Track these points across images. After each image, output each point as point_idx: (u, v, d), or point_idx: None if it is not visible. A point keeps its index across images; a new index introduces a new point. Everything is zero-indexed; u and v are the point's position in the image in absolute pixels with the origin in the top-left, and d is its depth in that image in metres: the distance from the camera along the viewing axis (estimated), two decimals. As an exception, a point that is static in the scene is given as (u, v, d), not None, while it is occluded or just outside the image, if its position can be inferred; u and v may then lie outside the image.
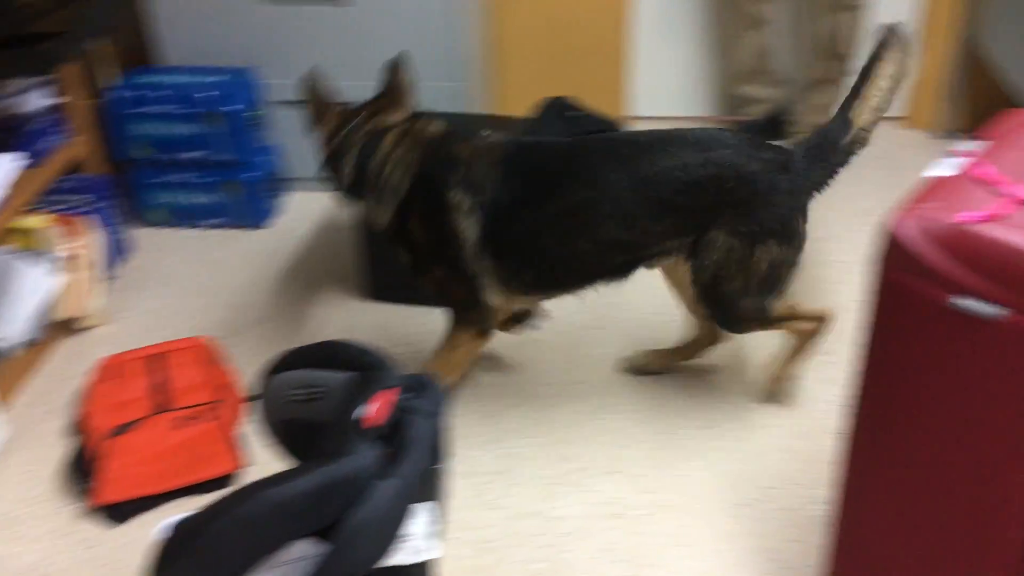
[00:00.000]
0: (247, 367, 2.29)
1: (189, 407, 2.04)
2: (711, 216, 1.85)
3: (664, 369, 2.22)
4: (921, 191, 1.31)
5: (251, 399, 2.16)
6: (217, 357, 2.22)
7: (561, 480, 1.96)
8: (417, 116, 2.01)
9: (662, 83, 3.42)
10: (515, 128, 2.60)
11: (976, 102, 3.17)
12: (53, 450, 2.08)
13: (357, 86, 2.85)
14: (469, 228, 1.87)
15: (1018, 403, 1.24)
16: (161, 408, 2.04)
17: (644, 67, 3.36)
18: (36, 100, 2.34)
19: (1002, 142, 1.37)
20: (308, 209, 2.94)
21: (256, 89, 2.85)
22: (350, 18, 2.79)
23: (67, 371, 2.30)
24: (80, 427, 2.07)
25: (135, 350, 2.24)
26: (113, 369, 2.16)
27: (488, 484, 1.96)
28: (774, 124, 3.22)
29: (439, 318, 2.43)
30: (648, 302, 2.48)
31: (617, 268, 1.95)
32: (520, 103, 3.22)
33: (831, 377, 2.20)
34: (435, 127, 1.99)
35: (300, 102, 2.04)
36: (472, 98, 2.92)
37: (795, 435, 2.05)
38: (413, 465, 1.11)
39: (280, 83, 2.89)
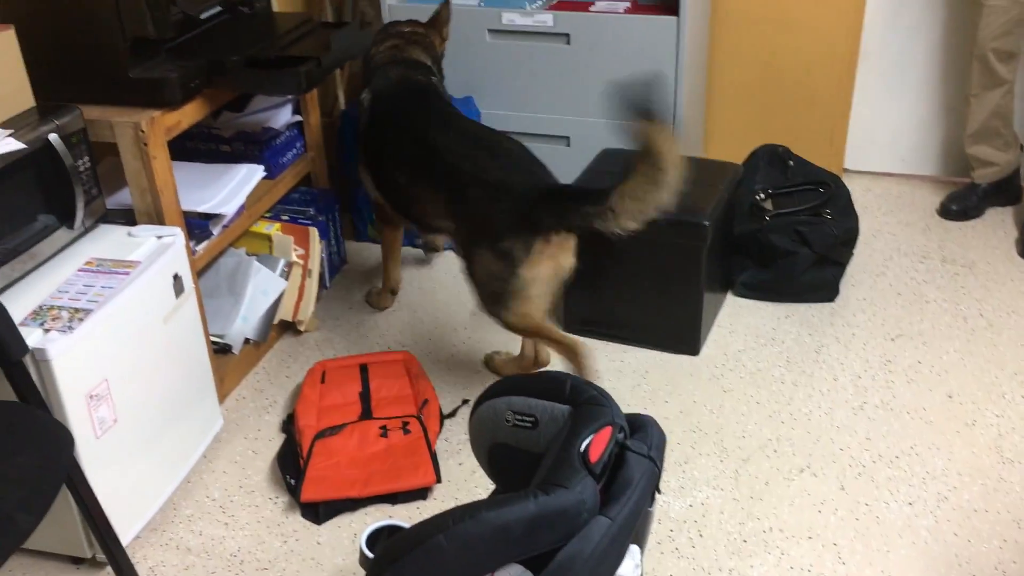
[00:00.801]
0: (444, 386, 2.37)
1: (393, 417, 2.12)
2: (459, 211, 2.11)
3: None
4: None
5: (449, 416, 2.24)
6: (419, 372, 2.30)
7: (750, 538, 1.90)
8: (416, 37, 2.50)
9: (882, 137, 3.29)
10: (726, 173, 2.57)
11: None
12: (262, 444, 2.21)
13: (571, 120, 2.92)
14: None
15: None
16: (365, 415, 2.13)
17: (866, 119, 3.24)
18: (282, 117, 2.53)
19: None
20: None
21: (476, 117, 2.96)
22: (570, 56, 2.85)
23: (281, 371, 2.46)
24: (291, 425, 2.20)
25: (346, 358, 2.36)
26: (325, 374, 2.28)
27: (675, 532, 1.92)
28: (1005, 189, 3.03)
29: (634, 356, 2.44)
30: (845, 363, 2.38)
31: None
32: (733, 147, 3.20)
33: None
34: (413, 52, 2.46)
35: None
36: (685, 140, 2.91)
37: (1015, 524, 1.90)
38: (631, 507, 1.10)
39: (498, 114, 2.99)
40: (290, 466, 2.08)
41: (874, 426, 2.18)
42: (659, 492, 1.21)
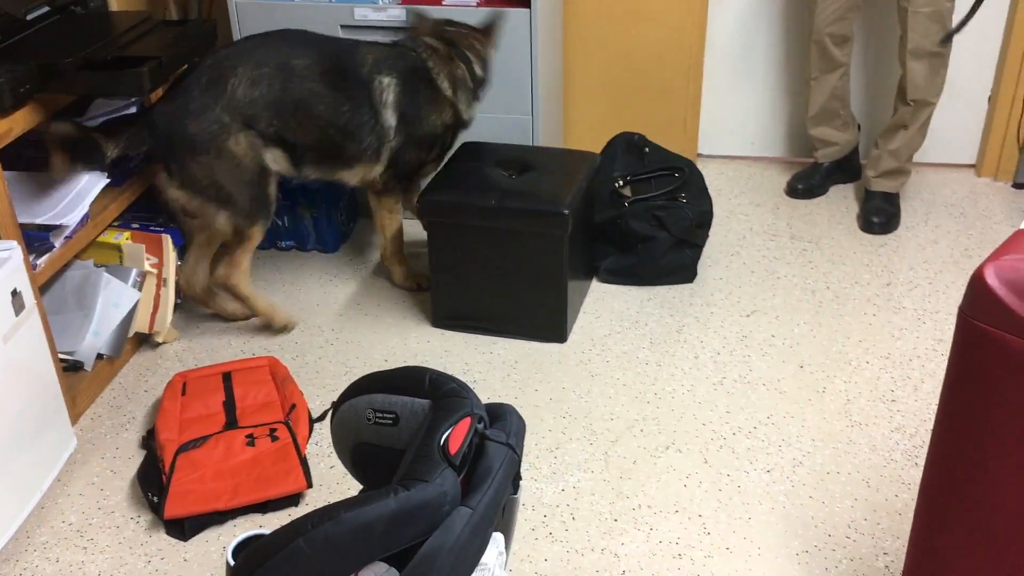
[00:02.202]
0: (312, 388, 2.33)
1: (259, 425, 2.07)
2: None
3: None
4: (1009, 242, 1.29)
5: (318, 420, 2.20)
6: (286, 376, 2.26)
7: (622, 517, 1.95)
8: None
9: (732, 122, 3.42)
10: (583, 160, 2.62)
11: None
12: (121, 463, 2.12)
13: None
14: None
15: (1108, 462, 1.21)
16: (230, 425, 2.07)
17: (714, 106, 3.36)
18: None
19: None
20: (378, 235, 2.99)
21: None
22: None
23: (139, 386, 2.36)
24: (152, 441, 2.12)
25: (206, 367, 2.28)
26: (186, 385, 2.20)
27: (548, 517, 1.95)
28: (845, 167, 3.20)
29: (503, 347, 2.46)
30: (712, 335, 2.47)
31: None
32: (590, 137, 3.25)
33: (900, 426, 2.17)
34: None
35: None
36: (542, 132, 2.94)
37: (864, 483, 2.01)
38: (492, 495, 1.11)
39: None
40: (152, 483, 2.00)
41: (733, 400, 2.27)
42: (520, 479, 1.23)
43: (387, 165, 2.51)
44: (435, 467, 1.11)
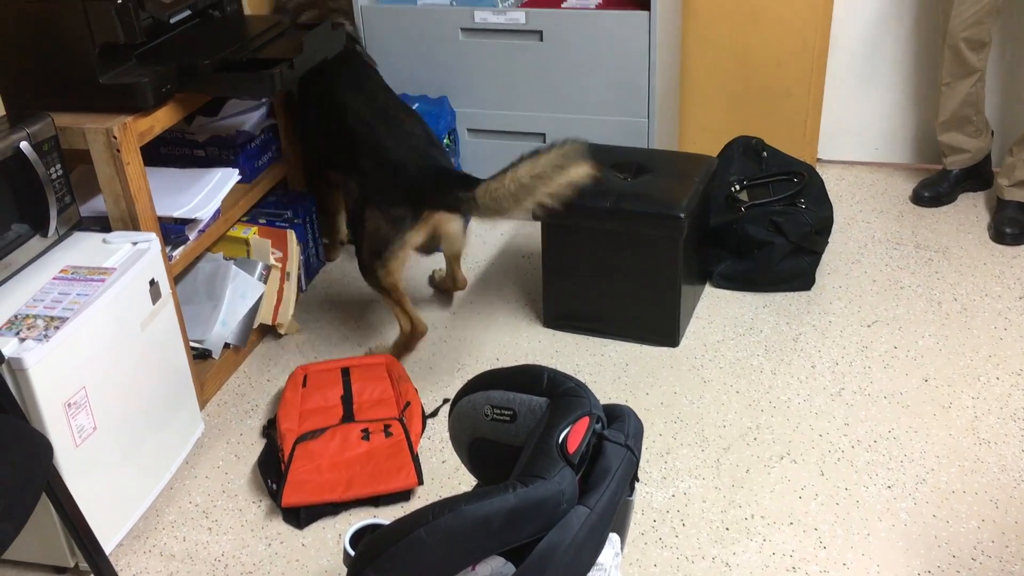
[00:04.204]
0: (425, 384, 2.37)
1: (375, 420, 2.12)
2: (361, 179, 2.34)
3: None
4: None
5: (431, 416, 2.25)
6: (402, 374, 2.30)
7: (733, 526, 1.92)
8: None
9: (855, 126, 3.31)
10: (700, 164, 2.59)
11: None
12: (244, 448, 2.21)
13: (546, 117, 2.94)
14: None
15: None
16: (347, 419, 2.13)
17: (836, 109, 3.27)
18: (255, 120, 2.52)
19: None
20: (492, 235, 3.02)
21: (451, 117, 2.97)
22: (543, 52, 2.86)
23: (262, 375, 2.45)
24: (273, 430, 2.20)
25: (327, 361, 2.36)
26: (307, 377, 2.28)
27: (658, 523, 1.94)
28: (976, 175, 3.07)
29: (614, 350, 2.45)
30: (821, 343, 2.41)
31: None
32: (705, 141, 3.22)
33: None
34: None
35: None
36: (660, 134, 2.92)
37: (992, 504, 1.92)
38: (609, 496, 1.11)
39: (473, 112, 3.00)
40: (271, 470, 2.08)
41: (852, 411, 2.20)
42: (637, 480, 1.22)
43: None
44: (553, 465, 1.12)
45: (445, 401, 2.30)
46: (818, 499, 1.97)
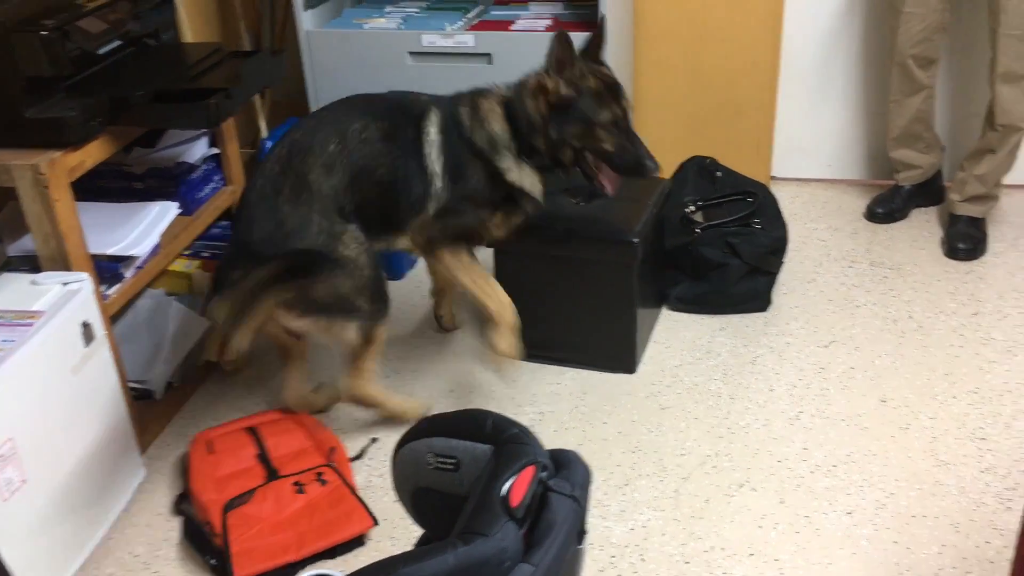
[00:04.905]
0: (380, 421, 2.30)
1: (304, 471, 1.99)
2: None
3: None
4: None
5: (355, 459, 2.14)
6: (315, 422, 2.19)
7: (693, 559, 1.87)
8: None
9: (808, 144, 3.31)
10: (656, 186, 2.56)
11: None
12: (190, 491, 2.12)
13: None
14: None
15: None
16: (272, 476, 1.99)
17: (789, 127, 3.26)
18: (197, 151, 2.45)
19: None
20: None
21: (399, 143, 2.91)
22: (493, 75, 2.81)
23: (208, 413, 2.37)
24: (188, 505, 2.04)
25: (226, 424, 2.19)
26: (211, 443, 2.11)
27: (617, 558, 1.89)
28: (928, 191, 3.08)
29: (571, 378, 2.41)
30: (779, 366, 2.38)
31: None
32: (663, 161, 3.18)
33: (991, 467, 2.05)
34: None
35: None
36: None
37: (953, 528, 1.90)
38: (555, 551, 1.06)
39: (422, 137, 2.94)
40: (205, 546, 1.93)
41: (811, 435, 2.17)
42: (585, 533, 1.17)
43: (435, 216, 2.16)
44: (496, 520, 1.06)
45: (373, 440, 2.22)
46: (778, 528, 1.93)
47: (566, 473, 1.16)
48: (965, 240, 2.84)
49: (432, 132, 2.15)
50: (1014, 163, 2.83)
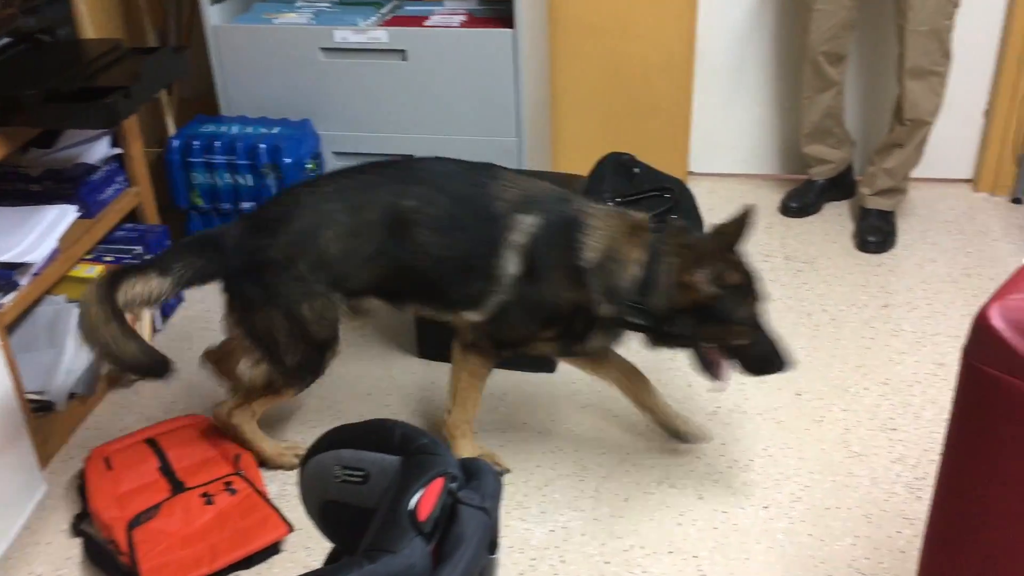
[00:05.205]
0: (294, 426, 2.25)
1: (211, 481, 1.93)
2: None
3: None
4: (1013, 280, 1.22)
5: (262, 465, 2.06)
6: (218, 430, 2.12)
7: (613, 559, 1.87)
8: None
9: (724, 139, 3.35)
10: (575, 185, 2.55)
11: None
12: (95, 507, 2.04)
13: (414, 138, 2.85)
14: None
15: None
16: (178, 489, 1.93)
17: (707, 123, 3.29)
18: (98, 151, 2.35)
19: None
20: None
21: (314, 141, 2.85)
22: (407, 72, 2.77)
23: (114, 424, 2.27)
24: (88, 525, 1.94)
25: (124, 438, 2.10)
26: (109, 459, 2.02)
27: (537, 560, 1.87)
28: (840, 185, 3.14)
29: (491, 379, 2.37)
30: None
31: None
32: (580, 159, 3.18)
33: (902, 456, 2.09)
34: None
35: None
36: (530, 154, 2.88)
37: (865, 520, 1.93)
38: (464, 566, 1.03)
39: (337, 135, 2.88)
40: (111, 567, 1.84)
41: (728, 431, 2.19)
42: (497, 544, 1.15)
43: (489, 317, 1.94)
44: (403, 535, 1.03)
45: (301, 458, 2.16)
46: (696, 524, 1.94)
47: (476, 484, 1.14)
48: (875, 233, 2.91)
49: (527, 221, 1.87)
50: (922, 157, 2.90)
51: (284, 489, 2.05)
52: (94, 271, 2.31)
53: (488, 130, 2.80)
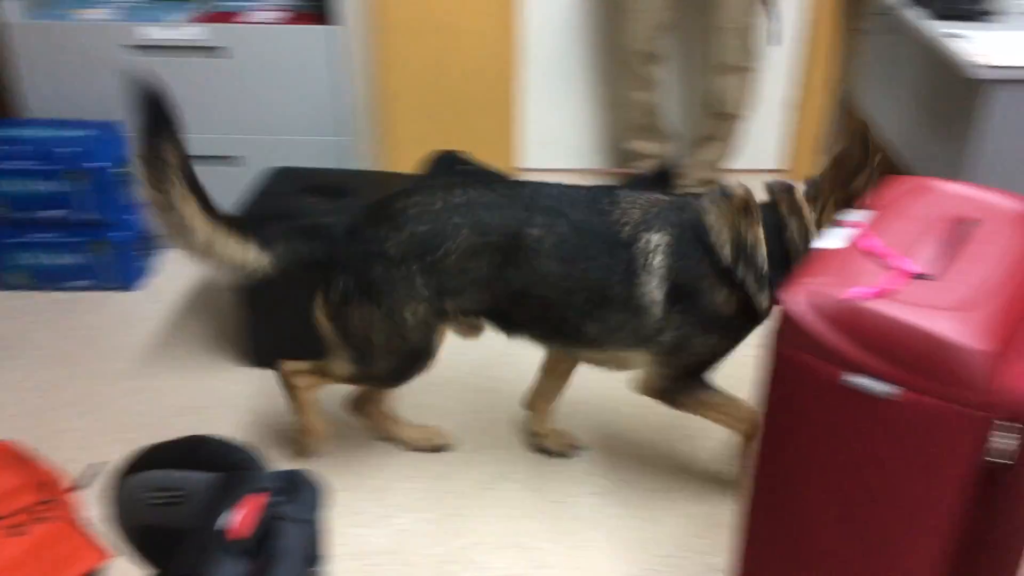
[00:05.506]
0: (117, 445, 2.11)
1: (15, 513, 1.79)
2: None
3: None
4: (811, 264, 1.29)
5: (76, 488, 1.94)
6: (18, 455, 1.98)
7: (454, 557, 1.87)
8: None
9: (553, 135, 3.41)
10: (404, 184, 2.53)
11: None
12: None
13: (239, 139, 2.75)
14: None
15: (911, 478, 1.22)
16: None
17: (534, 119, 3.34)
18: None
19: (887, 212, 1.37)
20: (184, 270, 2.78)
21: (123, 144, 2.69)
22: (227, 70, 2.67)
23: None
24: None
25: None
26: None
27: (377, 565, 1.84)
28: (662, 178, 3.25)
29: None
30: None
31: None
32: (409, 157, 3.16)
33: (730, 439, 2.18)
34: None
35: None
36: (359, 153, 2.83)
37: (693, 499, 2.01)
38: (284, 581, 1.00)
39: (152, 138, 2.74)
40: None
41: (565, 420, 2.22)
42: (319, 557, 1.12)
43: (660, 358, 1.87)
44: (211, 557, 0.99)
45: (89, 466, 2.04)
46: (535, 517, 1.97)
47: (295, 496, 1.11)
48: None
49: (654, 240, 1.79)
50: (735, 149, 3.04)
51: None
52: None
53: (317, 130, 2.75)
